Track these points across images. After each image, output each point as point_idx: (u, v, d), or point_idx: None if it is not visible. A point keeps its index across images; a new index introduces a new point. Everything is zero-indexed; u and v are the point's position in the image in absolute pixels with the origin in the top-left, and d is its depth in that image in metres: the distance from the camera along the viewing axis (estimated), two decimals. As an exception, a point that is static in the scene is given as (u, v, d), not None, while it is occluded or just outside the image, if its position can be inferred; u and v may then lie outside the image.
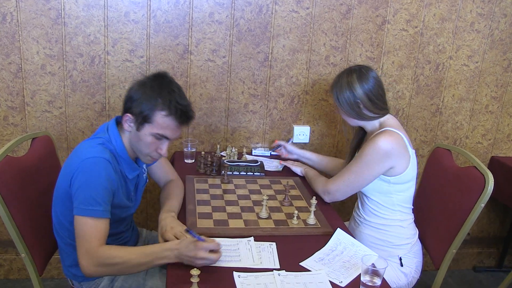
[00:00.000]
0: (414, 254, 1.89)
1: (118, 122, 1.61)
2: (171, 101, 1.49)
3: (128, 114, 1.52)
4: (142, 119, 1.50)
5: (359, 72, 1.82)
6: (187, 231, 1.43)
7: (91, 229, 1.40)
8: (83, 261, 1.39)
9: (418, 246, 1.92)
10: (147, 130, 1.50)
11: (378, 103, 1.81)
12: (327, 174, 2.16)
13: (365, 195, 1.89)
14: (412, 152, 1.82)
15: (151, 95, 1.49)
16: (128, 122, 1.53)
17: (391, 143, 1.73)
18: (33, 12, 2.19)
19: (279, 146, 2.29)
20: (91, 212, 1.40)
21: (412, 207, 1.92)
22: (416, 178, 1.89)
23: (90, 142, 1.52)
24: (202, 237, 1.39)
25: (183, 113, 1.52)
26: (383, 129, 1.79)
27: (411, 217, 1.92)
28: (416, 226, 1.95)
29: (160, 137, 1.52)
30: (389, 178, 1.79)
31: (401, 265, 1.85)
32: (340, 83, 1.84)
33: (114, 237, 1.65)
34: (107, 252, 1.39)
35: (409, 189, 1.86)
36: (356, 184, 1.81)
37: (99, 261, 1.38)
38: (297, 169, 2.17)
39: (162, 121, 1.49)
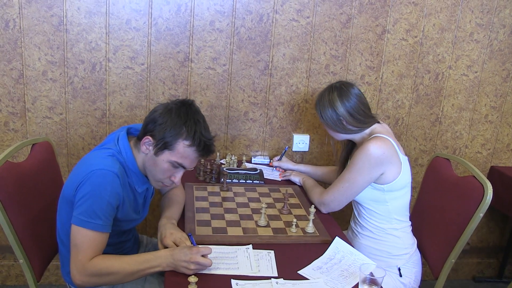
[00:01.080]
0: (413, 264, 1.88)
1: (129, 133, 1.59)
2: (195, 132, 1.46)
3: (149, 137, 1.47)
4: (163, 145, 1.46)
5: (339, 89, 1.84)
6: (189, 235, 1.43)
7: (88, 241, 1.39)
8: (75, 271, 1.38)
9: (417, 256, 1.91)
10: (166, 157, 1.47)
11: (361, 118, 1.83)
12: (325, 183, 2.17)
13: (360, 205, 1.89)
14: (403, 158, 1.82)
15: (176, 123, 1.45)
16: (147, 145, 1.49)
17: (382, 149, 1.74)
18: (35, 19, 2.20)
19: (274, 168, 2.35)
20: (89, 225, 1.39)
21: (409, 214, 1.92)
22: (412, 185, 1.89)
23: (100, 153, 1.49)
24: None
25: (206, 146, 1.49)
26: (373, 136, 1.81)
27: (408, 224, 1.91)
28: (415, 235, 1.94)
29: (177, 165, 1.49)
30: (383, 186, 1.80)
31: (400, 275, 1.84)
32: (322, 102, 1.86)
33: (116, 247, 1.65)
34: (100, 262, 1.38)
35: (404, 196, 1.86)
36: (350, 192, 1.81)
37: (92, 271, 1.37)
38: (296, 178, 2.18)
39: (183, 150, 1.46)
